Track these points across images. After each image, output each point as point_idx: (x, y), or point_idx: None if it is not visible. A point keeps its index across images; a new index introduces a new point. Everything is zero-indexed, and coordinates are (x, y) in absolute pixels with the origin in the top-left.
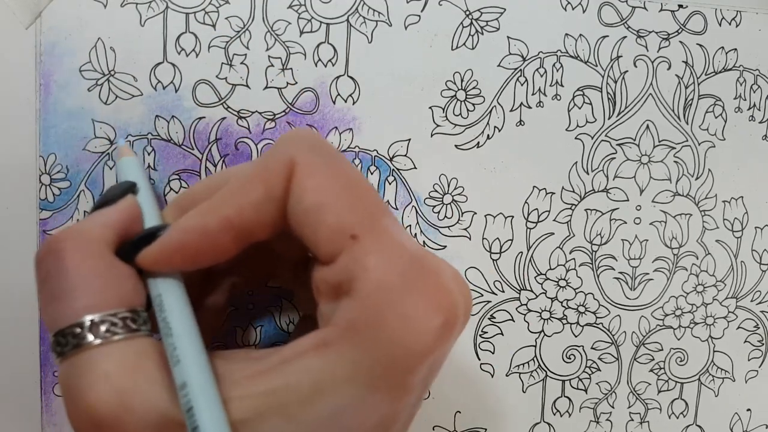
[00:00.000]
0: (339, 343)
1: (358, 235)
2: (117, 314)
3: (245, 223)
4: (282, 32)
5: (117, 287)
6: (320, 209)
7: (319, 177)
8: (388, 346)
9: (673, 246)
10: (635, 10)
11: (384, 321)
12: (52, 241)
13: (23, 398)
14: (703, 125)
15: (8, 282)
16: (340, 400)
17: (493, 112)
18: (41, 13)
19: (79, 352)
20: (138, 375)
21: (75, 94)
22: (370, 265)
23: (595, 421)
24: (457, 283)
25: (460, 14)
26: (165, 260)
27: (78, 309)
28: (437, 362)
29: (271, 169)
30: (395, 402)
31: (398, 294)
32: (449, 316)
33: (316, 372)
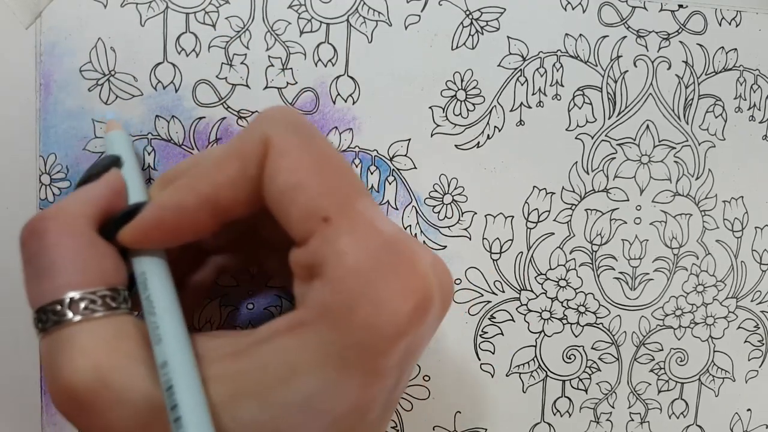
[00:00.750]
0: (312, 324)
1: (331, 217)
2: (96, 292)
3: (221, 200)
4: (282, 32)
5: (97, 265)
6: (293, 190)
7: (293, 157)
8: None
9: (673, 246)
10: (635, 10)
11: (355, 304)
12: (34, 221)
13: (23, 398)
14: (703, 125)
15: (8, 282)
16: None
17: (493, 112)
18: (41, 13)
19: (59, 329)
20: (117, 352)
21: (75, 94)
22: (341, 247)
23: (596, 422)
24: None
25: (460, 14)
26: (144, 237)
27: (58, 286)
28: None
29: (245, 148)
30: (368, 386)
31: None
32: (422, 299)
33: (289, 353)
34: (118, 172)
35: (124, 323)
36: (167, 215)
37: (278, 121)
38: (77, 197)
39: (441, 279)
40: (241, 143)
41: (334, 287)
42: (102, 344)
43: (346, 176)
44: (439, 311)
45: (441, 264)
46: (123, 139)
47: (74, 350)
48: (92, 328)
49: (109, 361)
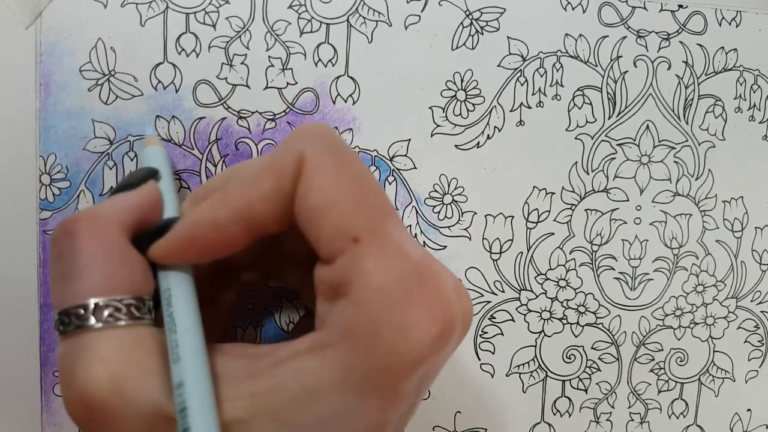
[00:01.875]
0: (334, 347)
1: (360, 238)
2: (122, 300)
3: (255, 215)
4: (282, 32)
5: (125, 273)
6: (325, 208)
7: (327, 175)
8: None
9: (673, 246)
10: (635, 10)
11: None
12: (67, 221)
13: (23, 398)
14: (703, 125)
15: (8, 282)
16: (330, 406)
17: (493, 112)
18: (41, 13)
19: (80, 334)
20: (134, 363)
21: (75, 94)
22: (368, 269)
23: (596, 421)
24: (458, 293)
25: (460, 14)
26: (176, 253)
27: (84, 291)
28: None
29: (281, 164)
30: (386, 410)
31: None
32: (446, 326)
33: (309, 375)
34: (155, 185)
35: (145, 334)
36: (201, 231)
37: (314, 138)
38: (113, 203)
39: (462, 304)
40: (277, 159)
41: (359, 309)
42: (121, 354)
43: (377, 198)
44: (460, 336)
45: (462, 288)
46: (161, 155)
47: (93, 358)
48: (113, 336)
49: (126, 372)
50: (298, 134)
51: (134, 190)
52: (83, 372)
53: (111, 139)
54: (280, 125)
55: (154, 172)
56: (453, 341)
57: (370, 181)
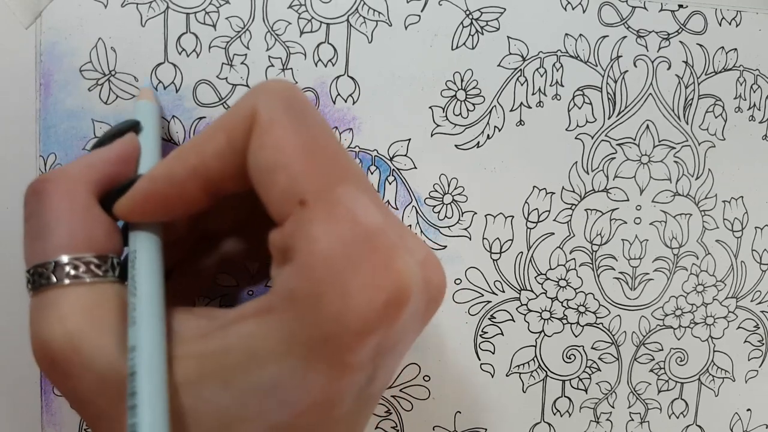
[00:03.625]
0: (278, 311)
1: (308, 201)
2: (82, 258)
3: (209, 172)
4: (282, 32)
5: (88, 231)
6: (274, 168)
7: (278, 134)
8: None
9: (673, 246)
10: (635, 10)
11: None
12: (36, 182)
13: (23, 398)
14: (703, 125)
15: (8, 282)
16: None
17: (493, 112)
18: (41, 13)
19: (45, 291)
20: (92, 321)
21: (75, 94)
22: (313, 234)
23: (596, 421)
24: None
25: (460, 14)
26: (136, 210)
27: (48, 249)
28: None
29: (233, 119)
30: (334, 381)
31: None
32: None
33: (253, 338)
34: (133, 138)
35: (107, 291)
36: (158, 187)
37: (270, 95)
38: (83, 161)
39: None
40: (230, 115)
41: (303, 274)
42: (79, 311)
43: (333, 159)
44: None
45: (432, 261)
46: (150, 109)
47: (53, 314)
48: (75, 293)
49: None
50: (255, 90)
51: (109, 146)
52: (45, 328)
53: None
54: None
55: (135, 125)
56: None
57: (327, 141)
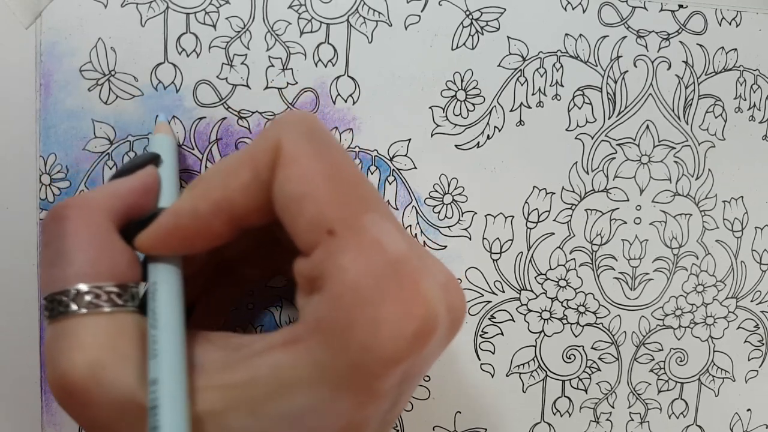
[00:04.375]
0: (307, 341)
1: (336, 231)
2: (103, 287)
3: (234, 206)
4: (282, 32)
5: (110, 260)
6: (301, 199)
7: (303, 165)
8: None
9: (673, 246)
10: (635, 10)
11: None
12: (58, 207)
13: (23, 398)
14: (703, 125)
15: (9, 282)
16: (304, 400)
17: (493, 112)
18: (41, 13)
19: (64, 319)
20: (113, 351)
21: (75, 94)
22: (342, 264)
23: (595, 421)
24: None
25: (460, 14)
26: (159, 244)
27: (68, 276)
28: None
29: (258, 153)
30: (362, 408)
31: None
32: (423, 325)
33: (282, 368)
34: (153, 170)
35: (126, 321)
36: (182, 221)
37: (292, 127)
38: (105, 189)
39: (451, 301)
40: (254, 148)
41: (332, 304)
42: (100, 341)
43: (357, 189)
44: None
45: (453, 285)
46: (168, 143)
47: (73, 343)
48: (94, 323)
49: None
50: (277, 122)
51: (130, 176)
52: (63, 358)
53: (111, 139)
54: None
55: (155, 158)
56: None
57: (350, 171)
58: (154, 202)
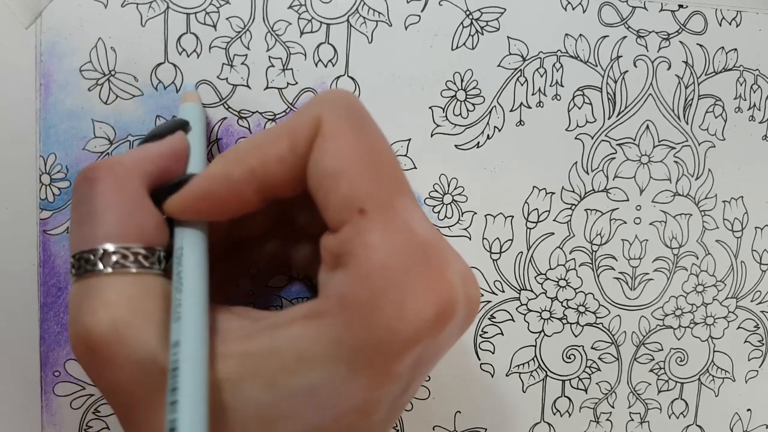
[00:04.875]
0: (329, 316)
1: (367, 209)
2: (131, 248)
3: (268, 175)
4: (282, 32)
5: (138, 221)
6: (335, 175)
7: (341, 141)
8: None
9: (673, 246)
10: (635, 10)
11: (376, 303)
12: (88, 169)
13: (23, 398)
14: (703, 125)
15: (9, 281)
16: (319, 376)
17: (493, 112)
18: (41, 13)
19: (90, 277)
20: (137, 311)
21: (75, 94)
22: (371, 242)
23: (595, 421)
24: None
25: (460, 14)
26: (189, 208)
27: (96, 236)
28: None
29: (297, 126)
30: (376, 388)
31: (395, 277)
32: (446, 306)
33: (301, 342)
34: (183, 136)
35: (152, 283)
36: (214, 186)
37: (333, 104)
38: (136, 153)
39: (469, 292)
40: (294, 121)
41: (358, 281)
42: (125, 300)
43: (391, 171)
44: (462, 323)
45: (471, 277)
46: (196, 111)
47: (98, 301)
48: (120, 282)
49: (128, 318)
50: (319, 99)
51: (160, 141)
52: (88, 314)
53: (111, 139)
54: None
55: (184, 124)
56: (451, 326)
57: (386, 153)
58: (183, 168)
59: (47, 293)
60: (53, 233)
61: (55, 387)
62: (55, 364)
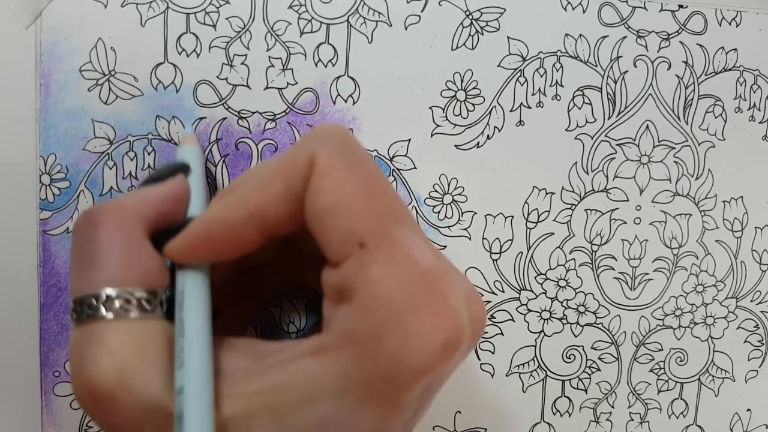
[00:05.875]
0: (336, 351)
1: (367, 243)
2: (133, 293)
3: (267, 215)
4: (282, 32)
5: (140, 265)
6: (333, 211)
7: (337, 178)
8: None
9: (673, 246)
10: (635, 10)
11: (382, 335)
12: (90, 212)
13: (23, 398)
14: (703, 125)
15: (8, 282)
16: (330, 409)
17: (493, 112)
18: (41, 13)
19: (92, 323)
20: (140, 357)
21: (75, 94)
22: (374, 276)
23: (595, 421)
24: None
25: (460, 14)
26: (189, 252)
27: (98, 280)
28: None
29: (292, 164)
30: (386, 418)
31: (399, 310)
32: (451, 337)
33: (309, 377)
34: (183, 179)
35: (154, 327)
36: (214, 230)
37: (327, 140)
38: (136, 195)
39: (473, 313)
40: (289, 159)
41: (363, 315)
42: (128, 347)
43: (388, 202)
44: (468, 346)
45: (475, 296)
46: (196, 154)
47: (101, 348)
48: (123, 328)
49: (132, 365)
50: (312, 135)
51: (161, 184)
52: (91, 362)
53: (111, 139)
54: (281, 125)
55: (185, 167)
56: (459, 352)
57: (382, 185)
58: (183, 211)
59: (47, 293)
60: (53, 233)
61: (55, 387)
62: (55, 364)
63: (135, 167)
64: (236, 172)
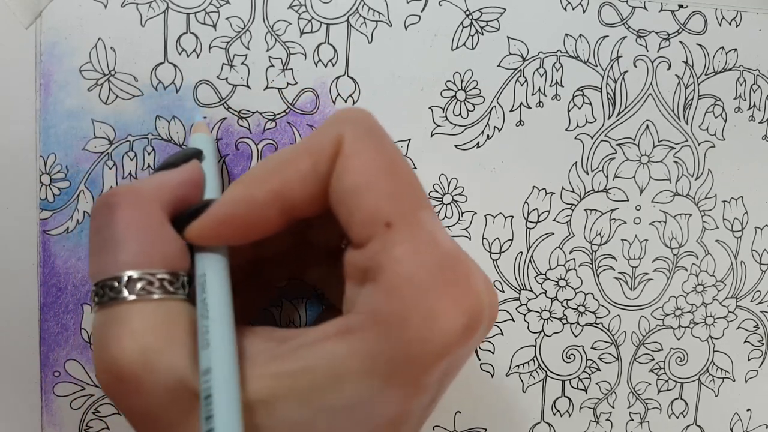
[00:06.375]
0: (362, 331)
1: (393, 223)
2: (156, 274)
3: (291, 196)
4: (282, 32)
5: (161, 247)
6: (359, 191)
7: (363, 159)
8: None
9: (673, 246)
10: (635, 10)
11: (408, 316)
12: (107, 195)
13: (23, 398)
14: (703, 125)
15: (8, 282)
16: (355, 391)
17: (493, 112)
18: (41, 13)
19: (114, 305)
20: (164, 337)
21: (75, 94)
22: (399, 256)
23: (595, 421)
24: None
25: (460, 14)
26: (210, 234)
27: (119, 263)
28: (454, 365)
29: (319, 145)
30: (408, 400)
31: (425, 290)
32: (473, 318)
33: (336, 358)
34: (198, 164)
35: (177, 309)
36: (237, 210)
37: (352, 122)
38: (154, 180)
39: (490, 298)
40: (314, 141)
41: (388, 295)
42: (152, 328)
43: (412, 185)
44: (486, 330)
45: (490, 283)
46: (207, 141)
47: (125, 330)
48: (145, 309)
49: (156, 345)
50: (337, 118)
51: (176, 169)
52: (114, 343)
53: (111, 139)
54: (281, 125)
55: (198, 153)
56: (479, 334)
57: (406, 169)
58: (199, 195)
59: (47, 293)
60: (53, 233)
61: (55, 387)
62: (55, 364)
63: (135, 167)
64: (236, 172)
